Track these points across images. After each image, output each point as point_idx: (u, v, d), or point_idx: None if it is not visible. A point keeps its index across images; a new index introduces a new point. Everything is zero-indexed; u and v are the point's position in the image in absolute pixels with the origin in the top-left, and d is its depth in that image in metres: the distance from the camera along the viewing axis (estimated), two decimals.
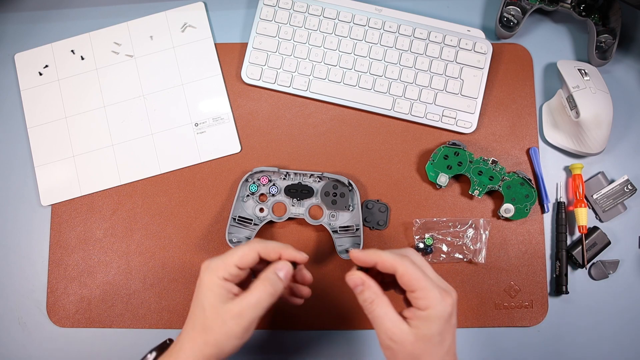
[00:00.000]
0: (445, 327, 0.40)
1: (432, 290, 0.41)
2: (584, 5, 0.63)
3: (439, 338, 0.40)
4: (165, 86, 0.64)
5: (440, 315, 0.40)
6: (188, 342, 0.42)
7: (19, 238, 0.62)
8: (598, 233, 0.61)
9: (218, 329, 0.41)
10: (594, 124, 0.59)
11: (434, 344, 0.40)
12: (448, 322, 0.41)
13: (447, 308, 0.40)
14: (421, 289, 0.41)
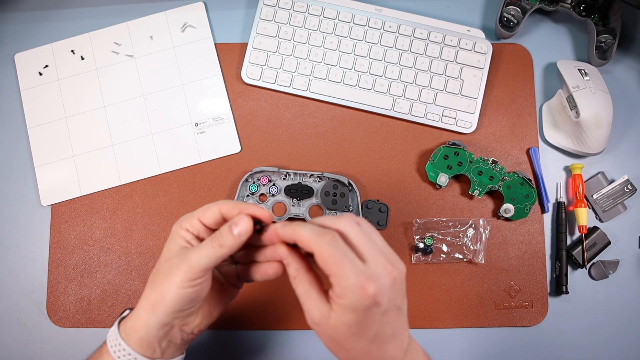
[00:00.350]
0: (366, 317, 0.35)
1: (348, 279, 0.34)
2: (584, 5, 0.63)
3: (357, 328, 0.35)
4: (165, 86, 0.64)
5: (356, 306, 0.35)
6: (146, 286, 0.41)
7: (19, 238, 0.62)
8: (598, 233, 0.61)
9: (164, 274, 0.39)
10: (594, 124, 0.59)
11: (353, 332, 0.36)
12: (368, 313, 0.35)
13: (364, 301, 0.34)
14: (337, 276, 0.35)
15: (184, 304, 0.39)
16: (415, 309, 0.60)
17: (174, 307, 0.38)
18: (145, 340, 0.40)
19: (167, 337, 0.40)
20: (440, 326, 0.60)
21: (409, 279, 0.60)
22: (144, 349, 0.40)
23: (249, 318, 0.60)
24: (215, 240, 0.39)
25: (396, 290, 0.37)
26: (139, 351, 0.40)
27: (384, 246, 0.38)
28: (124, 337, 0.40)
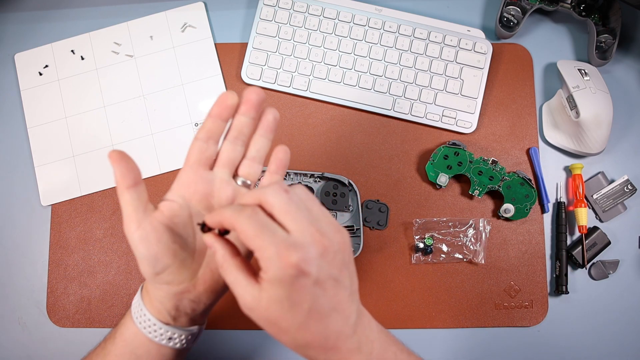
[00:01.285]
0: (294, 289, 0.32)
1: (268, 250, 0.32)
2: (584, 5, 0.63)
3: (289, 303, 0.33)
4: (165, 86, 0.64)
5: (280, 278, 0.32)
6: None
7: (19, 238, 0.62)
8: (598, 233, 0.61)
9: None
10: (594, 124, 0.59)
11: (285, 308, 0.33)
12: (295, 284, 0.32)
13: (286, 270, 0.32)
14: (257, 249, 0.33)
15: (151, 254, 0.37)
16: (415, 309, 0.60)
17: (145, 258, 0.37)
18: (154, 304, 0.40)
19: (175, 306, 0.39)
20: (440, 326, 0.60)
21: (408, 279, 0.61)
22: (156, 311, 0.40)
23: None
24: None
25: (329, 260, 0.34)
26: (152, 313, 0.40)
27: (321, 215, 0.35)
28: (144, 297, 0.41)
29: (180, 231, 0.39)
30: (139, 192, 0.37)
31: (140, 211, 0.37)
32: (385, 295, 0.60)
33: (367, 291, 0.60)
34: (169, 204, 0.39)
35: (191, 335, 0.42)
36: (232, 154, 0.41)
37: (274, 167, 0.42)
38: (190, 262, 0.39)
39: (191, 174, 0.40)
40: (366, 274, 0.61)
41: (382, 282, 0.61)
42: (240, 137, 0.40)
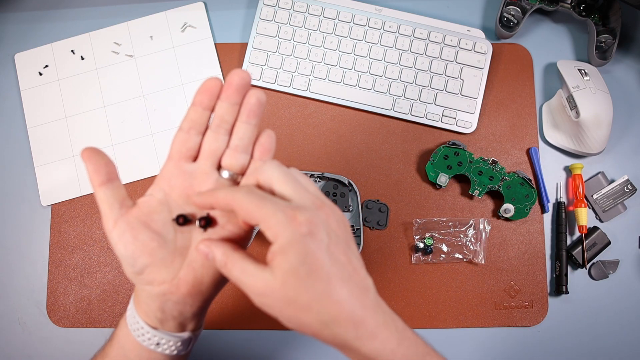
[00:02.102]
0: (308, 253, 0.31)
1: (275, 216, 0.31)
2: (584, 5, 0.63)
3: (305, 270, 0.31)
4: (165, 86, 0.64)
5: (292, 240, 0.31)
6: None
7: (19, 238, 0.62)
8: (598, 233, 0.61)
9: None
10: (594, 124, 0.59)
11: (302, 278, 0.31)
12: (308, 246, 0.31)
13: (298, 229, 0.31)
14: (262, 219, 0.32)
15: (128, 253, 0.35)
16: (415, 309, 0.60)
17: (124, 257, 0.35)
18: (142, 306, 0.38)
19: (160, 308, 0.37)
20: (440, 326, 0.60)
21: (408, 279, 0.61)
22: (144, 314, 0.38)
23: (251, 318, 0.60)
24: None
25: (334, 226, 0.33)
26: (141, 315, 0.38)
27: (316, 190, 0.35)
28: (134, 299, 0.39)
29: (159, 228, 0.36)
30: (113, 188, 0.36)
31: (115, 208, 0.35)
32: (385, 295, 0.60)
33: None
34: (147, 200, 0.37)
35: (181, 343, 0.39)
36: (214, 144, 0.37)
37: (257, 154, 0.38)
38: (170, 261, 0.36)
39: (172, 167, 0.38)
40: None
41: (382, 282, 0.61)
42: (222, 125, 0.37)
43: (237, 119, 0.38)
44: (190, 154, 0.38)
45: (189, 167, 0.38)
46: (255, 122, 0.37)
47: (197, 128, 0.37)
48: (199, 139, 0.38)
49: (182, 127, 0.37)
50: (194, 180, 0.37)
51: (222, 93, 0.37)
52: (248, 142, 0.37)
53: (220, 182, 0.38)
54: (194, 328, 0.40)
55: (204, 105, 0.37)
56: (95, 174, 0.35)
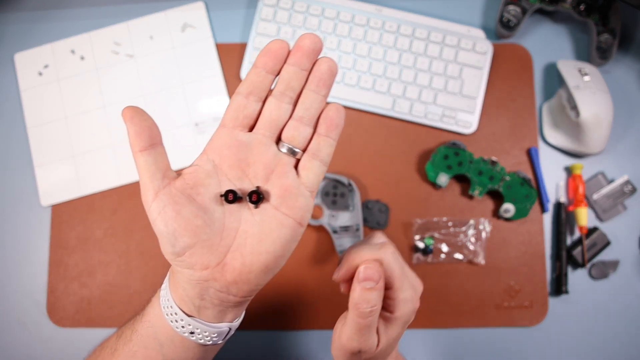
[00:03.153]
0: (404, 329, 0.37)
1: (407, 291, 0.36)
2: (584, 5, 0.63)
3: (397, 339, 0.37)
4: (165, 86, 0.64)
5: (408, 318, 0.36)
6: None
7: (19, 238, 0.62)
8: (598, 233, 0.61)
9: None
10: (594, 124, 0.59)
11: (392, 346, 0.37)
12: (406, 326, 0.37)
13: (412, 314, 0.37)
14: (398, 288, 0.35)
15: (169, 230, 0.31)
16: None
17: (163, 235, 0.31)
18: (178, 290, 0.34)
19: (199, 294, 0.33)
20: (440, 326, 0.60)
21: None
22: (179, 299, 0.34)
23: (257, 318, 0.60)
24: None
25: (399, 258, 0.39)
26: (176, 300, 0.34)
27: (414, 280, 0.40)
28: (170, 280, 0.35)
29: (206, 204, 0.32)
30: (156, 155, 0.32)
31: (157, 178, 0.31)
32: None
33: None
34: (193, 171, 0.33)
35: (217, 334, 0.35)
36: (275, 112, 0.33)
37: (323, 129, 0.34)
38: (216, 242, 0.32)
39: (224, 136, 0.33)
40: None
41: None
42: (287, 92, 0.33)
43: (304, 88, 0.34)
44: (247, 122, 0.33)
45: (245, 136, 0.33)
46: (324, 92, 0.33)
47: (258, 93, 0.33)
48: (259, 106, 0.34)
49: (240, 91, 0.33)
50: (250, 152, 0.33)
51: (290, 56, 0.33)
52: (314, 114, 0.34)
53: (279, 157, 0.34)
54: (233, 319, 0.36)
55: (268, 68, 0.33)
56: (137, 137, 0.31)
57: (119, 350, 0.37)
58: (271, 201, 0.33)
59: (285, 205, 0.33)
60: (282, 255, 0.33)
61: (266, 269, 0.33)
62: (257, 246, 0.32)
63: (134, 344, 0.36)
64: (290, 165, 0.34)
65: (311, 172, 0.34)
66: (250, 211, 0.33)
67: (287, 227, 0.33)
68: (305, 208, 0.33)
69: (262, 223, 0.33)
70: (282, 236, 0.33)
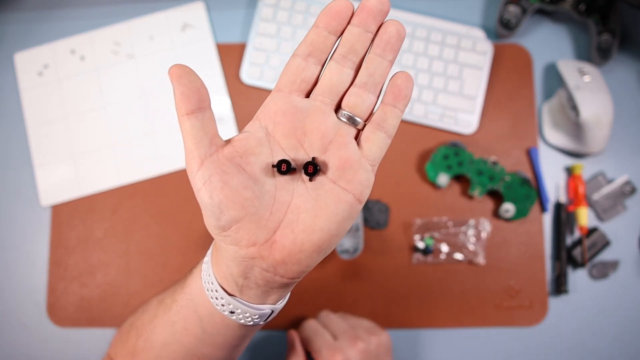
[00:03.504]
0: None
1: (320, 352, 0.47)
2: (584, 5, 0.63)
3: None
4: (165, 86, 0.64)
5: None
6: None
7: (19, 238, 0.62)
8: (598, 233, 0.61)
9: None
10: (594, 124, 0.59)
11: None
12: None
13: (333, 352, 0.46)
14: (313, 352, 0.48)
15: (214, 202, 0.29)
16: (415, 309, 0.60)
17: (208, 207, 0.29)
18: (221, 266, 0.32)
19: (242, 273, 0.31)
20: (441, 326, 0.60)
21: (409, 279, 0.61)
22: (222, 276, 0.32)
23: None
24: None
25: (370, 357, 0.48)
26: (218, 277, 0.32)
27: (356, 323, 0.52)
28: (213, 255, 0.33)
29: (256, 174, 0.30)
30: (204, 119, 0.29)
31: (204, 145, 0.29)
32: (385, 295, 0.60)
33: (367, 291, 0.60)
34: (244, 138, 0.30)
35: (259, 316, 0.33)
36: (336, 77, 0.30)
37: (390, 98, 0.30)
38: (266, 217, 0.30)
39: (279, 101, 0.31)
40: (366, 274, 0.61)
41: (382, 282, 0.61)
42: (350, 56, 0.30)
43: (367, 52, 0.31)
44: (304, 86, 0.31)
45: (302, 102, 0.31)
46: (391, 58, 0.30)
47: (318, 55, 0.30)
48: (318, 70, 0.31)
49: (298, 53, 0.30)
50: (307, 119, 0.30)
51: (354, 17, 0.30)
52: (379, 81, 0.31)
53: (339, 126, 0.31)
54: (277, 300, 0.33)
55: (331, 28, 0.29)
56: (184, 99, 0.29)
57: (159, 317, 0.37)
58: (328, 174, 0.30)
59: (344, 179, 0.30)
60: (337, 234, 0.30)
61: (319, 249, 0.30)
62: (311, 223, 0.29)
63: (173, 313, 0.35)
64: (350, 135, 0.31)
65: (374, 144, 0.30)
66: (304, 184, 0.30)
67: (344, 203, 0.30)
68: (366, 183, 0.30)
69: (317, 198, 0.30)
70: (339, 213, 0.30)
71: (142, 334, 0.38)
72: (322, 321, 0.53)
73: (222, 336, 0.34)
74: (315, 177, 0.30)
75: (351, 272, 0.61)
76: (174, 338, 0.36)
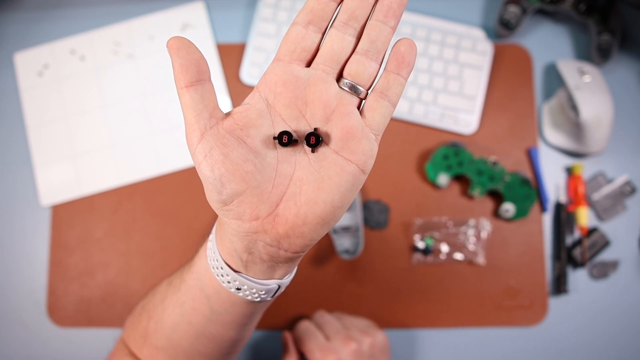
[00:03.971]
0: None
1: (313, 352, 0.48)
2: (584, 5, 0.63)
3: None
4: (165, 86, 0.64)
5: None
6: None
7: (19, 238, 0.62)
8: (598, 233, 0.61)
9: None
10: (594, 124, 0.59)
11: None
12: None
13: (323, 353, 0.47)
14: (306, 352, 0.48)
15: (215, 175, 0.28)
16: (415, 309, 0.60)
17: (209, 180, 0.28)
18: (225, 242, 0.31)
19: (246, 248, 0.30)
20: (440, 326, 0.60)
21: (408, 279, 0.61)
22: (226, 253, 0.32)
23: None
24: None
25: (364, 357, 0.48)
26: (222, 254, 0.32)
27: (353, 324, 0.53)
28: (217, 232, 0.33)
29: (257, 146, 0.29)
30: (204, 92, 0.29)
31: (204, 117, 0.28)
32: (385, 295, 0.60)
33: (367, 291, 0.60)
34: (244, 110, 0.29)
35: (266, 292, 0.33)
36: (338, 44, 0.29)
37: (393, 65, 0.30)
38: (268, 190, 0.29)
39: (279, 70, 0.30)
40: (366, 274, 0.61)
41: (382, 282, 0.61)
42: (351, 22, 0.29)
43: (369, 18, 0.30)
44: (304, 55, 0.30)
45: (303, 71, 0.30)
46: (393, 24, 0.29)
47: (318, 23, 0.30)
48: (318, 38, 0.30)
49: (297, 21, 0.29)
50: (308, 89, 0.30)
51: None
52: (382, 48, 0.30)
53: (341, 95, 0.30)
54: (283, 275, 0.33)
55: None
56: (183, 71, 0.28)
57: (169, 298, 0.37)
58: (331, 145, 0.29)
59: (347, 150, 0.29)
60: (341, 205, 0.30)
61: (322, 221, 0.29)
62: (314, 195, 0.29)
63: (182, 293, 0.36)
64: (353, 104, 0.30)
65: (378, 113, 0.30)
66: (306, 156, 0.30)
67: (348, 174, 0.29)
68: (369, 153, 0.30)
69: (320, 169, 0.29)
70: (343, 184, 0.29)
71: (153, 316, 0.38)
72: (317, 322, 0.53)
73: (230, 314, 0.34)
74: (317, 148, 0.29)
75: (351, 272, 0.61)
76: (183, 318, 0.36)
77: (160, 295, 0.39)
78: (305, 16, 0.29)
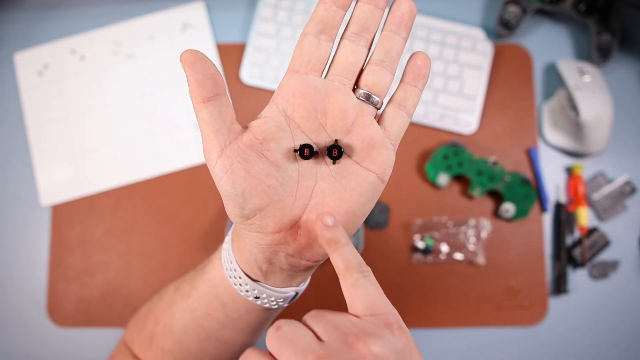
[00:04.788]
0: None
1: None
2: (584, 5, 0.63)
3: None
4: (165, 86, 0.64)
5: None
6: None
7: (19, 238, 0.62)
8: (598, 233, 0.61)
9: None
10: (594, 124, 0.59)
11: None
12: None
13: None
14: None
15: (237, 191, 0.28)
16: (415, 309, 0.60)
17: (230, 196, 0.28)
18: (243, 254, 0.31)
19: (267, 259, 0.30)
20: (441, 326, 0.60)
21: (408, 279, 0.61)
22: (245, 263, 0.32)
23: None
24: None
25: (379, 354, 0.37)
26: (240, 264, 0.32)
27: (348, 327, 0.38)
28: (233, 242, 0.32)
29: (278, 160, 0.29)
30: (221, 106, 0.28)
31: (222, 133, 0.28)
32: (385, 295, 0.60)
33: None
34: (262, 123, 0.29)
35: (284, 299, 0.33)
36: (352, 56, 0.29)
37: (410, 77, 0.30)
38: (290, 203, 0.29)
39: (296, 82, 0.29)
40: None
41: (382, 282, 0.60)
42: (363, 34, 0.30)
43: (379, 29, 0.30)
44: (319, 65, 0.29)
45: (320, 82, 0.29)
46: (405, 35, 0.30)
47: (329, 32, 0.29)
48: (330, 47, 0.30)
49: (309, 31, 0.29)
50: (327, 100, 0.29)
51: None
52: (395, 58, 0.30)
53: (360, 106, 0.30)
54: (300, 282, 0.33)
55: (338, 3, 0.29)
56: (199, 86, 0.27)
57: (178, 303, 0.37)
58: (353, 156, 0.30)
59: (368, 160, 0.30)
60: (362, 215, 0.30)
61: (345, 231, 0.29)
62: (336, 206, 0.29)
63: (193, 300, 0.36)
64: (371, 115, 0.30)
65: (396, 123, 0.30)
66: (327, 167, 0.30)
67: (369, 184, 0.30)
68: (389, 163, 0.30)
69: (341, 180, 0.30)
70: (364, 194, 0.30)
71: (161, 320, 0.38)
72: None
73: (245, 320, 0.35)
74: (339, 160, 0.29)
75: None
76: (194, 323, 0.36)
77: (168, 300, 0.38)
78: (316, 26, 0.29)
